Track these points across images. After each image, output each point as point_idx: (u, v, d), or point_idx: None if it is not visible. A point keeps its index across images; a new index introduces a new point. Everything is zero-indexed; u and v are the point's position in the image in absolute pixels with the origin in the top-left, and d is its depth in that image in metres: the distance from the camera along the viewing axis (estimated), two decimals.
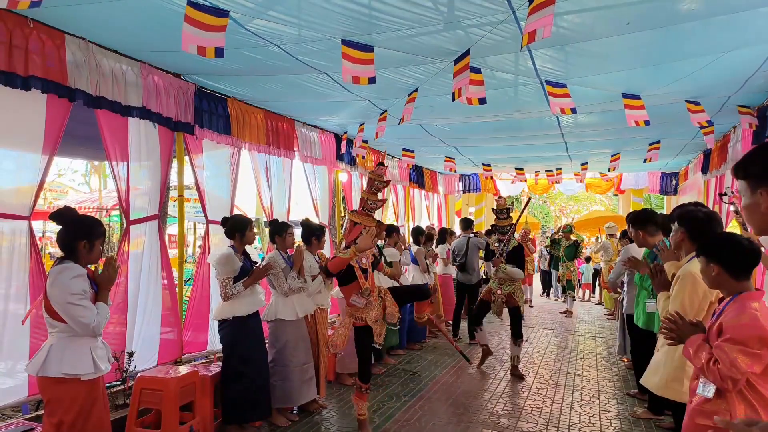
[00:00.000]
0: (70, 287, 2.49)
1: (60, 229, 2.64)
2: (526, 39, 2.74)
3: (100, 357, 2.63)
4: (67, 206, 2.80)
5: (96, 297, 2.64)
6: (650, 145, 7.24)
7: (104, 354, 2.70)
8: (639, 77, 4.49)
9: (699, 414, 2.02)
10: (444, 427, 4.21)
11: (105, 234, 2.75)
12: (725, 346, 1.92)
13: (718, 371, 1.92)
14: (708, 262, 2.09)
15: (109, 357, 2.76)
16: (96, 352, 2.61)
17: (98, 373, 2.61)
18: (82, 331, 2.52)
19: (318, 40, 3.64)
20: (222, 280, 3.86)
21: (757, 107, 5.24)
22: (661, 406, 4.26)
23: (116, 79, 3.79)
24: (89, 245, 2.62)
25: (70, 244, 2.59)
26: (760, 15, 3.25)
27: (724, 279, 2.05)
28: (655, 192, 11.87)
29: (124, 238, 4.13)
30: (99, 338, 2.68)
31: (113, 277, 2.73)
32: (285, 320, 4.21)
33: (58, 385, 2.52)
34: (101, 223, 2.77)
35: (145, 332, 4.21)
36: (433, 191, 11.49)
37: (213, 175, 5.11)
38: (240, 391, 3.88)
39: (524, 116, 5.96)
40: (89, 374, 2.56)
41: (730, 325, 1.94)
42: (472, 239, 7.69)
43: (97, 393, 2.64)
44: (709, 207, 3.39)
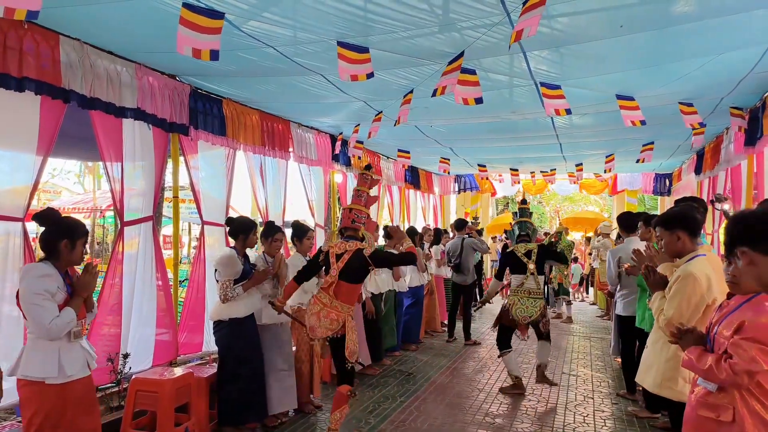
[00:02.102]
0: (34, 286, 2.45)
1: (42, 230, 2.61)
2: (513, 37, 2.77)
3: (71, 361, 2.53)
4: (50, 208, 2.78)
5: (67, 301, 2.55)
6: (644, 146, 7.29)
7: (79, 358, 2.59)
8: (633, 79, 4.52)
9: (702, 406, 2.01)
10: (439, 427, 4.22)
11: (87, 235, 2.72)
12: (743, 343, 1.87)
13: (730, 367, 1.88)
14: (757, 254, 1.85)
15: (89, 362, 2.66)
16: (67, 356, 2.52)
17: (64, 378, 2.50)
18: (38, 332, 2.47)
19: (313, 41, 3.64)
20: (223, 281, 3.84)
21: (749, 109, 5.29)
22: (658, 404, 4.28)
23: (111, 81, 3.78)
24: (71, 245, 2.59)
25: (52, 243, 2.57)
26: (753, 17, 3.28)
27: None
28: (648, 193, 11.94)
29: (119, 239, 4.12)
30: (79, 341, 2.60)
31: (90, 284, 2.64)
32: (263, 325, 4.15)
33: (26, 387, 2.49)
34: (83, 225, 2.74)
35: (140, 334, 4.20)
36: (429, 192, 11.51)
37: (208, 176, 5.11)
38: (236, 393, 3.87)
39: (519, 117, 5.98)
40: (52, 378, 2.47)
41: (752, 325, 1.87)
42: (466, 240, 7.71)
43: (69, 398, 2.53)
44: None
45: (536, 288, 4.96)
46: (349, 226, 3.76)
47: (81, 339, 2.66)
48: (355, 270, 3.61)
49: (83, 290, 2.63)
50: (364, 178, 4.00)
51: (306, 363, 4.55)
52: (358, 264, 3.60)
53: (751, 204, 5.68)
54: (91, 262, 2.75)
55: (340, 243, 3.68)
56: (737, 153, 5.78)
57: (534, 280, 4.96)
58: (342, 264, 3.57)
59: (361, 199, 3.88)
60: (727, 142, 6.36)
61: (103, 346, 3.95)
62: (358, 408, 4.63)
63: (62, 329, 2.48)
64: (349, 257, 3.57)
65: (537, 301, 4.92)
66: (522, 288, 4.97)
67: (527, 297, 4.92)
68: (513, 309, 4.91)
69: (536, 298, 4.94)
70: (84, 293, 2.64)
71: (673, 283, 2.67)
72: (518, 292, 4.98)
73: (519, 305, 4.92)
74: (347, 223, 3.77)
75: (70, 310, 2.54)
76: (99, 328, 3.97)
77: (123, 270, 4.09)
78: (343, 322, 3.58)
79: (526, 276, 4.99)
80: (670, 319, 2.62)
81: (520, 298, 4.94)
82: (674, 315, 2.60)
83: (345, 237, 3.75)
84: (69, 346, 2.56)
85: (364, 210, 3.83)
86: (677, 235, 2.77)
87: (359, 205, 3.84)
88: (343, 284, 3.58)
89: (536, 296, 4.94)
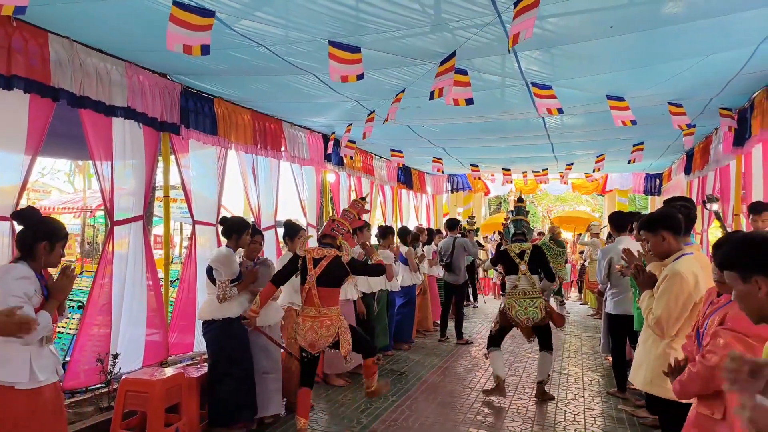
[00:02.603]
0: (11, 288, 2.37)
1: (21, 229, 2.55)
2: (511, 41, 2.78)
3: (42, 367, 2.46)
4: (31, 206, 2.73)
5: (43, 304, 2.48)
6: (634, 146, 7.35)
7: (50, 364, 2.52)
8: (623, 79, 4.56)
9: (700, 403, 2.06)
10: (431, 426, 4.23)
11: (67, 238, 2.66)
12: (721, 331, 1.90)
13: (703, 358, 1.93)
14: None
15: (57, 367, 2.58)
16: (38, 361, 2.44)
17: (35, 384, 2.43)
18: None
19: (305, 41, 3.64)
20: (223, 281, 3.80)
21: (738, 109, 5.35)
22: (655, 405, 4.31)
23: (101, 79, 3.76)
24: (50, 247, 2.53)
25: (30, 244, 2.50)
26: (741, 19, 3.31)
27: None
28: (639, 192, 12.05)
29: (109, 238, 4.09)
30: (47, 346, 2.53)
31: (67, 287, 2.57)
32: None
33: None
34: (64, 227, 2.68)
35: (130, 334, 4.18)
36: (421, 191, 11.53)
37: (200, 175, 5.09)
38: (227, 393, 3.85)
39: (511, 117, 6.01)
40: (23, 383, 2.39)
41: (733, 315, 1.90)
42: (458, 239, 7.73)
43: (39, 404, 2.46)
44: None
45: (531, 288, 4.79)
46: (328, 233, 3.89)
47: (51, 344, 2.57)
48: (334, 276, 3.74)
49: (60, 294, 2.55)
50: (356, 204, 4.19)
51: (297, 362, 4.54)
52: (336, 270, 3.73)
53: (740, 204, 5.75)
54: (68, 265, 2.68)
55: (318, 249, 3.79)
56: (726, 153, 5.84)
57: (527, 280, 4.80)
58: (320, 270, 3.68)
59: (347, 218, 4.06)
60: (716, 143, 6.43)
61: (93, 347, 3.93)
62: (350, 407, 4.63)
63: (38, 333, 2.39)
64: (328, 263, 3.69)
65: (535, 301, 4.73)
66: (516, 290, 4.82)
67: (523, 298, 4.76)
68: (512, 312, 4.76)
69: (533, 298, 4.76)
70: (60, 297, 2.56)
71: (661, 282, 2.70)
72: (513, 294, 4.82)
73: (517, 308, 4.74)
74: (327, 231, 3.91)
75: (46, 314, 2.45)
76: (89, 328, 3.95)
77: (113, 270, 4.07)
78: (338, 324, 3.70)
79: (518, 277, 4.83)
80: (658, 318, 2.65)
81: (516, 300, 4.77)
82: (663, 314, 2.63)
83: (322, 244, 3.88)
84: (39, 351, 2.47)
85: (346, 224, 3.98)
86: (662, 235, 2.81)
87: (344, 220, 4.01)
88: (323, 289, 3.69)
89: (532, 296, 4.76)
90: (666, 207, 3.12)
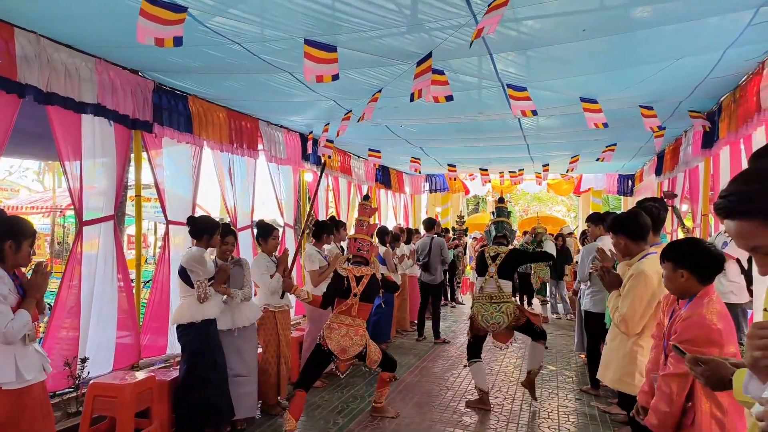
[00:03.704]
0: None
1: None
2: (475, 35, 2.81)
3: (28, 365, 2.48)
4: None
5: (20, 303, 2.48)
6: (607, 146, 7.49)
7: (36, 362, 2.54)
8: (596, 82, 4.64)
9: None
10: (407, 426, 4.24)
11: (34, 236, 2.62)
12: (675, 354, 1.96)
13: (662, 381, 2.00)
14: (676, 268, 2.12)
15: (45, 365, 2.61)
16: (23, 360, 2.46)
17: (22, 383, 2.45)
18: None
19: (281, 39, 3.60)
20: (201, 281, 3.75)
21: (706, 113, 5.49)
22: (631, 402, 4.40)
23: (69, 75, 3.66)
24: (15, 246, 2.49)
25: None
26: (708, 24, 3.40)
27: (692, 284, 2.09)
28: (612, 193, 12.30)
29: (77, 239, 3.98)
30: (32, 345, 2.54)
31: (42, 284, 2.57)
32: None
33: None
34: (30, 225, 2.64)
35: (99, 337, 4.07)
36: (400, 191, 11.55)
37: (174, 174, 4.99)
38: (204, 397, 3.75)
39: (487, 118, 6.06)
40: (10, 383, 2.41)
41: (683, 325, 2.00)
42: (435, 239, 7.77)
43: (25, 404, 2.48)
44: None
45: (498, 292, 4.54)
46: (356, 254, 4.22)
47: (35, 342, 2.58)
48: (371, 291, 4.08)
49: (35, 291, 2.55)
50: (364, 208, 4.40)
51: (273, 365, 4.50)
52: (374, 286, 4.10)
53: (707, 204, 5.91)
54: (41, 262, 2.64)
55: (354, 268, 4.10)
56: (695, 155, 6.00)
57: (494, 283, 4.57)
58: (362, 287, 4.02)
59: (362, 228, 4.31)
60: (685, 145, 6.59)
61: (61, 350, 3.82)
62: (327, 408, 4.61)
63: (18, 332, 2.42)
64: (368, 280, 4.05)
65: (501, 306, 4.50)
66: (483, 293, 4.59)
67: (489, 303, 4.53)
68: (478, 318, 4.54)
69: (499, 302, 4.52)
70: (37, 294, 2.55)
71: (626, 282, 2.77)
72: (480, 298, 4.59)
73: (483, 313, 4.53)
74: (354, 251, 4.22)
75: (25, 312, 2.46)
76: (56, 331, 3.83)
77: (82, 271, 3.95)
78: (366, 335, 4.06)
79: (485, 279, 4.63)
80: (624, 316, 2.71)
81: (482, 305, 4.55)
82: (628, 312, 2.70)
83: (353, 263, 4.19)
84: (24, 350, 2.49)
85: (367, 239, 4.27)
86: (620, 239, 2.95)
87: (362, 234, 4.28)
88: (362, 304, 4.03)
89: (499, 300, 4.52)
90: (635, 208, 3.19)
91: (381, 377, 4.29)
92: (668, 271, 2.15)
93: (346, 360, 3.97)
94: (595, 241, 5.33)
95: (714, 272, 2.10)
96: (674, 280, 2.13)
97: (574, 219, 22.20)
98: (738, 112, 4.49)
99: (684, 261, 2.10)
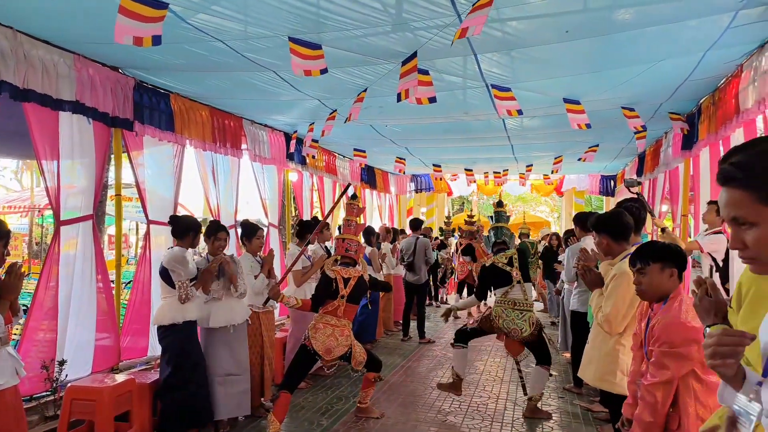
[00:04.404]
0: None
1: None
2: (458, 34, 2.81)
3: (0, 369, 2.41)
4: None
5: None
6: (590, 147, 7.57)
7: (8, 366, 2.47)
8: (579, 83, 4.68)
9: None
10: (392, 426, 4.23)
11: (9, 235, 2.55)
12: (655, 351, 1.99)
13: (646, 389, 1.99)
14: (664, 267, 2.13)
15: (18, 369, 2.54)
16: None
17: None
18: None
19: (264, 37, 3.57)
20: (183, 281, 3.70)
21: (686, 114, 5.58)
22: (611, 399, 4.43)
23: (47, 71, 3.57)
24: None
25: None
26: (688, 27, 3.45)
27: (674, 283, 2.12)
28: (595, 193, 12.45)
29: (55, 239, 3.89)
30: (5, 348, 2.47)
31: (16, 286, 2.49)
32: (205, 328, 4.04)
33: None
34: (4, 224, 2.57)
35: (78, 339, 3.98)
36: (385, 191, 11.54)
37: (155, 173, 4.91)
38: (186, 399, 3.70)
39: (472, 118, 6.08)
40: None
41: (659, 329, 2.01)
42: (420, 239, 7.78)
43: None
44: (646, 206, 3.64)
45: (523, 299, 4.33)
46: (344, 254, 4.19)
47: (7, 345, 2.51)
48: (358, 293, 4.08)
49: (9, 293, 2.47)
50: (352, 208, 4.39)
51: (257, 366, 4.45)
52: (361, 287, 4.10)
53: (687, 205, 6.01)
54: (15, 263, 2.57)
55: (342, 269, 4.09)
56: (675, 156, 6.09)
57: (520, 289, 4.36)
58: (350, 288, 4.01)
59: (350, 228, 4.30)
60: (665, 146, 6.69)
61: (38, 353, 3.73)
62: (311, 409, 4.58)
63: None
64: (355, 282, 4.05)
65: (524, 314, 4.28)
66: (506, 299, 4.37)
67: (512, 309, 4.32)
68: (499, 321, 4.34)
69: (523, 310, 4.30)
70: (10, 296, 2.48)
71: (609, 281, 2.79)
72: (502, 302, 4.38)
73: (504, 317, 4.31)
74: (342, 252, 4.20)
75: None
76: (33, 333, 3.74)
77: (60, 272, 3.87)
78: (351, 336, 4.04)
79: (511, 285, 4.39)
80: (607, 316, 2.73)
81: (504, 310, 4.33)
82: (611, 311, 2.72)
83: (342, 264, 4.17)
84: None
85: (355, 239, 4.26)
86: (602, 238, 2.99)
87: (350, 234, 4.26)
88: (349, 305, 4.03)
89: (522, 308, 4.31)
90: (617, 209, 3.22)
91: (366, 377, 4.29)
92: (655, 274, 2.11)
93: (331, 360, 3.95)
94: (579, 242, 5.38)
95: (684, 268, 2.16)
96: (660, 282, 2.11)
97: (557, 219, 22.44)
98: (717, 114, 4.57)
99: (672, 259, 2.11)
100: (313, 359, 3.94)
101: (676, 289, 2.13)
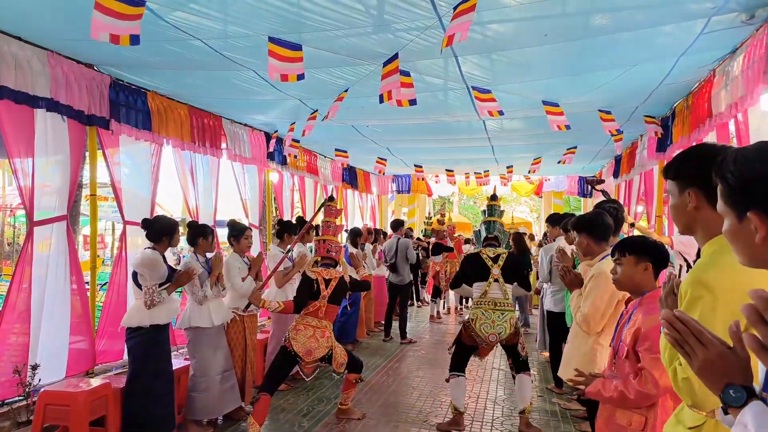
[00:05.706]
0: None
1: None
2: (445, 42, 2.83)
3: None
4: None
5: None
6: (568, 149, 7.69)
7: None
8: (558, 86, 4.75)
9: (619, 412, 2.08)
10: (373, 427, 4.23)
11: None
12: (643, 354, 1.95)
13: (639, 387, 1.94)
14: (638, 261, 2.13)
15: None
16: None
17: None
18: None
19: (244, 36, 3.54)
20: (149, 286, 3.61)
21: (661, 117, 5.70)
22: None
23: (20, 68, 3.49)
24: None
25: None
26: (661, 33, 3.54)
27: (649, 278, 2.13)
28: (573, 194, 12.64)
29: (28, 239, 3.79)
30: None
31: None
32: (200, 328, 4.00)
33: None
34: None
35: (52, 342, 3.89)
36: (367, 192, 11.54)
37: (132, 173, 4.83)
38: (146, 405, 3.59)
39: (453, 120, 6.12)
40: None
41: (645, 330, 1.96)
42: (401, 240, 7.79)
43: None
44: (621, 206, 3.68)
45: (503, 298, 4.08)
46: (325, 255, 4.21)
47: None
48: (339, 294, 4.08)
49: None
50: (330, 210, 4.40)
51: (239, 369, 4.41)
52: (341, 289, 4.09)
53: (662, 206, 6.14)
54: None
55: (324, 270, 4.09)
56: (650, 158, 6.22)
57: (500, 288, 4.10)
58: (330, 290, 4.01)
59: (330, 230, 4.31)
60: (641, 149, 6.83)
61: (10, 357, 3.63)
62: (292, 411, 4.55)
63: None
64: (336, 283, 4.04)
65: (505, 315, 4.00)
66: (485, 299, 4.09)
67: (492, 309, 4.02)
68: (476, 324, 3.99)
69: (504, 310, 4.02)
70: None
71: (588, 281, 2.84)
72: (481, 303, 4.08)
73: (483, 319, 3.99)
74: (323, 253, 4.22)
75: None
76: (5, 336, 3.64)
77: (33, 273, 3.77)
78: (332, 337, 4.04)
79: (488, 283, 4.12)
80: (585, 315, 2.78)
81: (484, 311, 4.02)
82: (590, 311, 2.77)
83: (322, 265, 4.18)
84: None
85: (335, 240, 4.30)
86: (583, 238, 3.04)
87: (330, 236, 4.28)
88: (330, 306, 4.02)
89: (504, 308, 4.03)
90: (597, 210, 3.28)
91: (347, 378, 4.27)
92: (628, 266, 2.13)
93: (311, 362, 3.93)
94: (554, 242, 5.46)
95: (664, 266, 2.18)
96: (633, 273, 2.12)
97: (537, 219, 22.70)
98: (690, 118, 4.68)
99: (647, 253, 2.13)
100: (294, 361, 3.92)
101: (651, 284, 2.15)
